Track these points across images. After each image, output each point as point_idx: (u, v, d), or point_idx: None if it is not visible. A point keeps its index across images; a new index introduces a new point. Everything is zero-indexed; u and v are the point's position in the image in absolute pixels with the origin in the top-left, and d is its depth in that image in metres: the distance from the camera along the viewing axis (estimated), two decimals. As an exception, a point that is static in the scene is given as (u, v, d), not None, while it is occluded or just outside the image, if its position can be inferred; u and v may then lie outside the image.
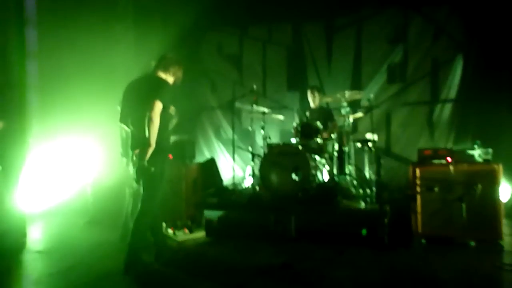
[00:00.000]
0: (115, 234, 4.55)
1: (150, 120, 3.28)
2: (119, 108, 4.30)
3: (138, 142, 3.41)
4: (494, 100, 5.67)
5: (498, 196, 4.01)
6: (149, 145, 3.29)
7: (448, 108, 6.33)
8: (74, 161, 5.99)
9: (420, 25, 6.46)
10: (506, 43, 5.63)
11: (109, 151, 4.59)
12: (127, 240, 4.18)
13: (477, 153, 4.28)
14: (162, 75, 3.63)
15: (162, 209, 3.79)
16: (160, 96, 3.35)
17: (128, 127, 3.61)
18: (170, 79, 3.66)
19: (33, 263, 3.78)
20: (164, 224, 4.53)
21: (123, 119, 3.65)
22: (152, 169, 3.36)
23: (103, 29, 6.82)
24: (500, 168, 4.03)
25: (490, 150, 4.26)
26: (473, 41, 6.10)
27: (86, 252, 4.19)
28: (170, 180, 4.95)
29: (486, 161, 4.20)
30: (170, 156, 3.93)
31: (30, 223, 4.84)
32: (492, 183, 4.02)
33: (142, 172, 3.38)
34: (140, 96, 3.48)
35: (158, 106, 3.31)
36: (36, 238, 4.66)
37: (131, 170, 3.98)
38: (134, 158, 3.43)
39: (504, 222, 4.12)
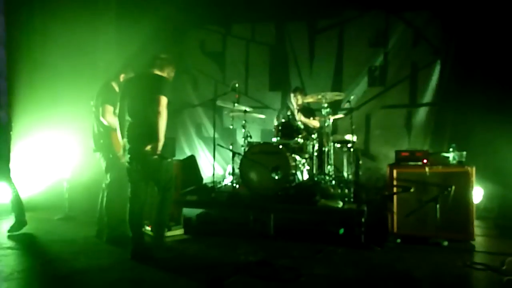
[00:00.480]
0: (90, 230, 4.48)
1: (160, 114, 3.46)
2: (92, 103, 4.27)
3: (147, 137, 3.51)
4: (469, 104, 5.84)
5: (471, 198, 4.13)
6: (159, 139, 3.48)
7: (425, 112, 6.47)
8: (50, 155, 5.86)
9: (400, 29, 6.58)
10: (482, 49, 5.80)
11: (86, 146, 4.51)
12: (103, 235, 4.17)
13: (451, 155, 4.40)
14: (159, 73, 3.72)
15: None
16: (164, 91, 3.54)
17: (124, 121, 3.70)
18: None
19: (5, 259, 3.67)
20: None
21: (122, 115, 3.74)
22: (169, 159, 3.66)
23: (83, 22, 6.70)
24: (473, 170, 4.15)
25: (464, 153, 4.38)
26: (450, 47, 6.26)
27: (60, 247, 4.11)
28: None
29: (460, 163, 4.32)
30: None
31: (3, 217, 4.72)
32: (465, 185, 4.14)
33: (159, 164, 3.60)
34: (144, 93, 3.60)
35: (165, 100, 3.51)
36: (7, 233, 4.53)
37: (104, 164, 3.95)
38: (147, 152, 3.51)
39: (476, 223, 4.25)
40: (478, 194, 4.85)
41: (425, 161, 4.33)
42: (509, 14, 5.54)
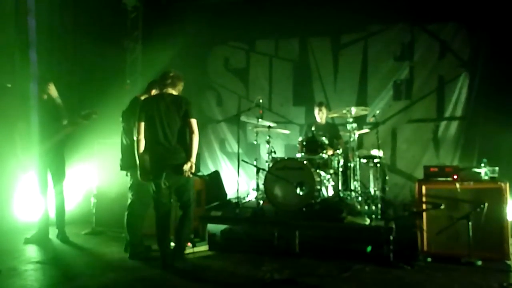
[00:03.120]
0: (117, 245, 4.53)
1: (195, 135, 3.74)
2: (121, 120, 4.35)
3: (181, 156, 3.74)
4: (499, 118, 5.64)
5: (505, 215, 3.97)
6: (193, 158, 3.73)
7: (453, 126, 6.33)
8: (77, 170, 5.99)
9: (426, 42, 6.50)
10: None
11: (113, 162, 4.60)
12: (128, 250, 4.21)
13: (483, 171, 4.25)
14: (173, 92, 3.86)
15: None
16: (193, 114, 3.81)
17: (140, 141, 3.82)
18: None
19: (34, 274, 3.74)
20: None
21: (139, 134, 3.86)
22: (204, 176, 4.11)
23: (111, 41, 6.91)
24: (507, 186, 3.99)
25: (496, 168, 4.23)
26: (479, 59, 6.13)
27: (88, 262, 4.16)
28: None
29: (492, 179, 4.16)
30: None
31: (31, 233, 4.84)
32: (499, 201, 3.98)
33: (188, 182, 3.86)
34: (172, 115, 3.76)
35: (195, 122, 3.78)
36: (37, 248, 4.63)
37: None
38: (182, 171, 3.69)
39: (511, 241, 4.06)
40: (512, 211, 4.65)
41: (455, 177, 4.20)
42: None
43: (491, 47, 5.95)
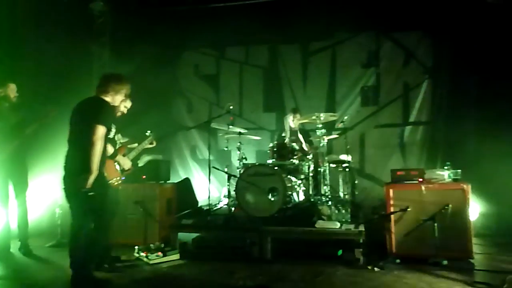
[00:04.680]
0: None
1: (93, 145, 3.22)
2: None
3: (78, 167, 3.28)
4: (462, 122, 5.91)
5: (468, 216, 4.12)
6: (91, 171, 3.22)
7: (419, 130, 6.57)
8: (41, 180, 5.77)
9: (391, 50, 6.73)
10: (475, 66, 5.89)
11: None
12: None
13: (447, 173, 4.41)
14: (104, 96, 3.53)
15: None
16: (101, 119, 3.29)
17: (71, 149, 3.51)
18: (114, 98, 3.59)
19: (-6, 289, 3.57)
20: (136, 248, 4.41)
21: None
22: (93, 193, 3.27)
23: (78, 46, 6.73)
24: (469, 188, 4.15)
25: (459, 171, 4.39)
26: (441, 67, 6.39)
27: (52, 276, 4.00)
28: (143, 201, 4.88)
29: (455, 181, 4.32)
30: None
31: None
32: (462, 202, 4.13)
33: (84, 198, 3.28)
34: (82, 119, 3.40)
35: (100, 130, 3.26)
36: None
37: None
38: (76, 183, 3.26)
39: (474, 241, 4.22)
40: (474, 211, 4.84)
41: (420, 179, 4.34)
42: (502, 31, 5.64)
43: (453, 55, 6.21)
